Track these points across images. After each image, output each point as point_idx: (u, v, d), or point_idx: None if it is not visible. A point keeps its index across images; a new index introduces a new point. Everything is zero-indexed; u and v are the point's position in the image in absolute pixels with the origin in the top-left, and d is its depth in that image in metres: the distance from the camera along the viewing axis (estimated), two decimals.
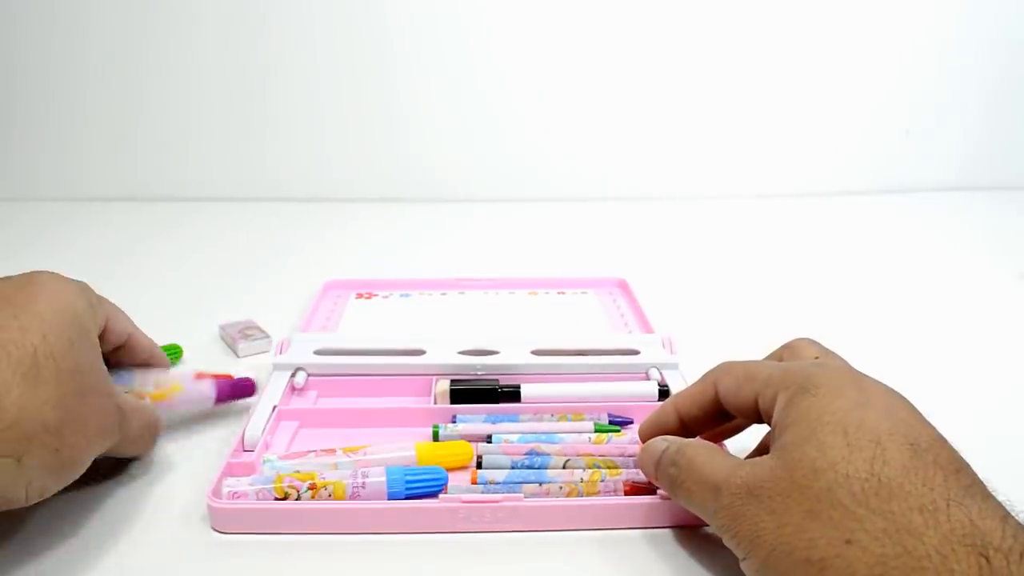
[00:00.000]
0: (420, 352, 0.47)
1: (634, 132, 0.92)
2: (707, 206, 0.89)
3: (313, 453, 0.37)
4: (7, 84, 0.90)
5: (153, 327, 0.56)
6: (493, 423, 0.41)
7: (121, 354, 0.39)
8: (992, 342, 0.55)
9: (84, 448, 0.31)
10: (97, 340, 0.34)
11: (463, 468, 0.38)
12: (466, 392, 0.43)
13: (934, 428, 0.28)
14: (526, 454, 0.38)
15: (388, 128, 0.91)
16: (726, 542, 0.28)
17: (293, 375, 0.45)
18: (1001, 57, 0.92)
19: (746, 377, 0.32)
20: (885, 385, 0.30)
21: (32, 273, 0.34)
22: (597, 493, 0.35)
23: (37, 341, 0.29)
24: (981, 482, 0.26)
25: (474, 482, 0.36)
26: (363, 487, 0.35)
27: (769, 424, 0.30)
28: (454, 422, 0.41)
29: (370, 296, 0.60)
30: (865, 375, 0.30)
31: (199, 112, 0.91)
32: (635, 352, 0.48)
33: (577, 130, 0.92)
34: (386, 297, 0.60)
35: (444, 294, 0.60)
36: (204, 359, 0.51)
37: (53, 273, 0.34)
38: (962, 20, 0.91)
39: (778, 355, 0.35)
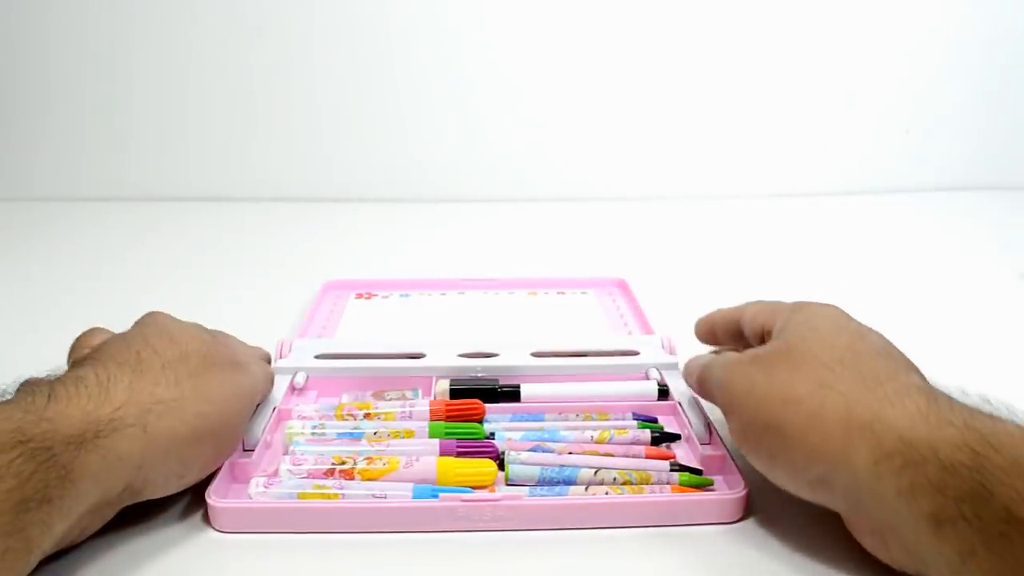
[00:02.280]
0: (420, 355, 0.47)
1: (634, 132, 0.92)
2: (706, 206, 0.89)
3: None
4: (5, 84, 0.90)
5: None
6: (518, 421, 0.41)
7: None
8: (992, 342, 0.55)
9: (215, 416, 0.34)
10: (204, 329, 0.38)
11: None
12: (466, 392, 0.43)
13: None
14: (531, 450, 0.38)
15: (388, 128, 0.91)
16: (719, 401, 0.35)
17: (293, 375, 0.45)
18: (1001, 57, 0.92)
19: (761, 309, 0.39)
20: None
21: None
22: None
23: (140, 346, 0.34)
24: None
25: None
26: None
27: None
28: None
29: (370, 296, 0.60)
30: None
31: (198, 112, 0.91)
32: (635, 353, 0.48)
33: (577, 130, 0.92)
34: (386, 297, 0.60)
35: (444, 294, 0.60)
36: None
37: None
38: (962, 20, 0.91)
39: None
